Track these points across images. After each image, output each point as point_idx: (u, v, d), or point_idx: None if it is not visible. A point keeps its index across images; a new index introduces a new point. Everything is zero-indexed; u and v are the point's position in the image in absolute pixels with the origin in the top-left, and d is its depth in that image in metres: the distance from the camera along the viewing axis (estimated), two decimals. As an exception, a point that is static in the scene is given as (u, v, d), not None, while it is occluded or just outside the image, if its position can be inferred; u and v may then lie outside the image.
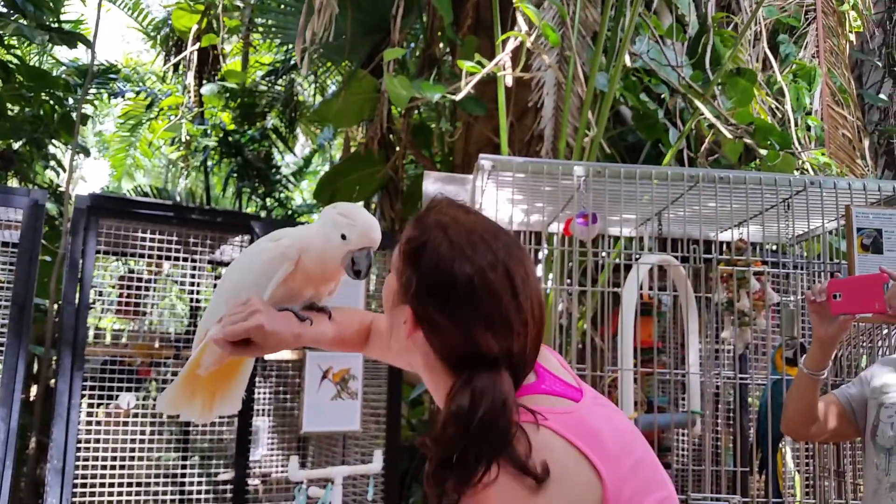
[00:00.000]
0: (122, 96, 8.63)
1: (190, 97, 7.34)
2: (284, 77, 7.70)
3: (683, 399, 3.24)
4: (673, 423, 3.14)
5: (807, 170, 4.41)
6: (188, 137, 7.15)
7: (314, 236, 1.43)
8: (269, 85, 7.75)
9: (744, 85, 4.13)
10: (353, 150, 6.99)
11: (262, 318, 1.30)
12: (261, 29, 7.58)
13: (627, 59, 4.06)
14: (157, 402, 1.49)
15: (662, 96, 4.22)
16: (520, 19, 3.71)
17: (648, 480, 1.05)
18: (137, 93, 8.58)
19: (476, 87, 3.83)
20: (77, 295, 3.65)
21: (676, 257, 3.08)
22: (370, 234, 1.41)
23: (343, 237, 1.40)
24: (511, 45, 3.71)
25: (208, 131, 7.38)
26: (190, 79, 7.54)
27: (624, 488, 0.99)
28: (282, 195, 8.31)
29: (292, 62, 7.42)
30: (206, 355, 1.44)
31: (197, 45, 7.56)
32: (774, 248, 3.66)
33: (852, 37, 5.95)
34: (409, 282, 1.09)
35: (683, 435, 3.96)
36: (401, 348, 1.17)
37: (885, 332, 3.16)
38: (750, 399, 3.97)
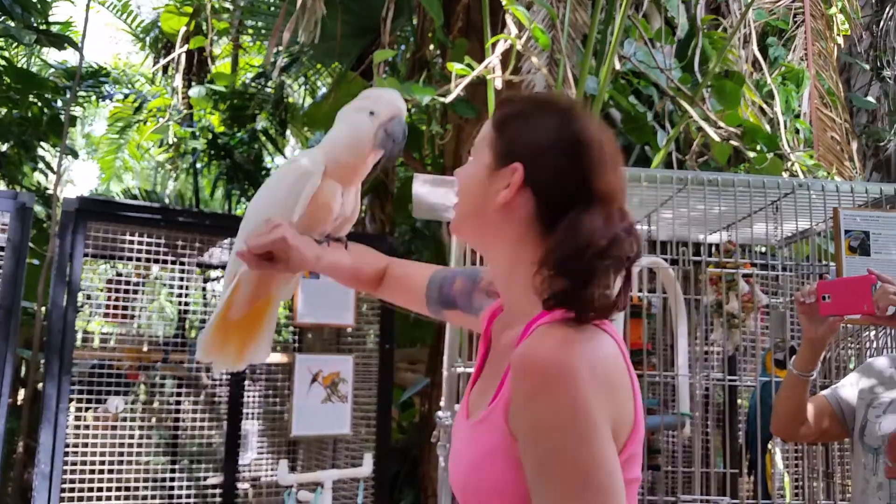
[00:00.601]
0: (111, 99, 8.58)
1: (178, 99, 7.31)
2: (275, 79, 7.69)
3: (673, 401, 3.25)
4: (662, 424, 3.14)
5: (796, 172, 4.43)
6: (175, 140, 7.12)
7: (335, 134, 1.47)
8: (259, 87, 7.72)
9: (732, 87, 4.15)
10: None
11: (284, 230, 1.35)
12: (251, 31, 7.57)
13: (617, 62, 4.07)
14: (196, 350, 1.54)
15: (652, 99, 4.23)
16: (509, 22, 3.71)
17: None
18: (126, 96, 8.53)
19: (467, 89, 3.83)
20: (65, 298, 3.63)
21: (666, 259, 3.08)
22: (397, 100, 1.45)
23: (371, 114, 1.43)
24: (501, 47, 3.71)
25: (196, 133, 7.35)
26: (178, 81, 7.51)
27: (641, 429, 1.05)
28: (271, 198, 8.27)
29: (283, 64, 7.40)
30: (237, 295, 1.49)
31: (185, 48, 7.53)
32: (763, 250, 3.68)
33: (840, 40, 5.98)
34: (513, 140, 1.14)
35: (673, 437, 3.96)
36: (477, 232, 1.21)
37: (873, 333, 3.18)
38: (739, 401, 3.99)
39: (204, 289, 6.16)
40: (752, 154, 3.95)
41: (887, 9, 7.12)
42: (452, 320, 1.50)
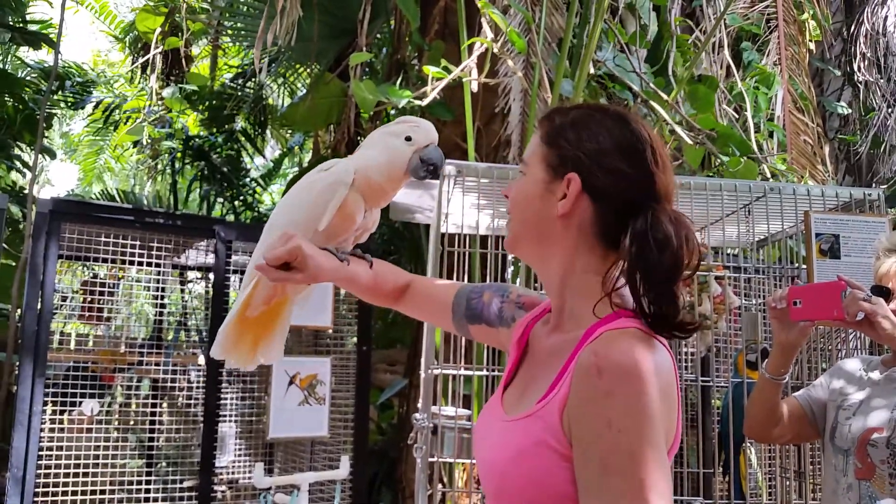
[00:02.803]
0: (83, 107, 8.51)
1: (152, 100, 7.26)
2: (254, 80, 7.66)
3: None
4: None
5: (769, 175, 4.48)
6: (149, 140, 7.08)
7: (369, 154, 1.48)
8: (238, 88, 7.68)
9: (705, 91, 4.19)
10: (322, 153, 6.97)
11: (299, 240, 1.37)
12: (230, 32, 7.53)
13: (591, 66, 4.09)
14: (213, 347, 1.55)
15: (626, 103, 4.26)
16: (485, 25, 3.73)
17: None
18: (99, 103, 8.44)
19: (444, 92, 3.84)
20: (39, 300, 3.60)
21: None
22: (433, 131, 1.48)
23: (408, 139, 1.46)
24: (477, 50, 3.72)
25: (172, 134, 7.30)
26: (153, 82, 7.46)
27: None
28: (249, 198, 8.24)
29: (262, 65, 7.37)
30: (256, 293, 1.51)
31: (160, 48, 7.48)
32: (735, 252, 3.71)
33: (812, 45, 6.05)
34: (565, 152, 1.17)
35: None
36: (531, 244, 1.23)
37: (844, 335, 3.22)
38: (714, 401, 4.02)
39: (182, 290, 6.13)
40: (725, 157, 3.99)
41: (857, 15, 7.22)
42: (476, 335, 1.52)
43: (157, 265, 4.12)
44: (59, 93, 7.35)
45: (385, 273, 1.56)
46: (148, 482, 4.04)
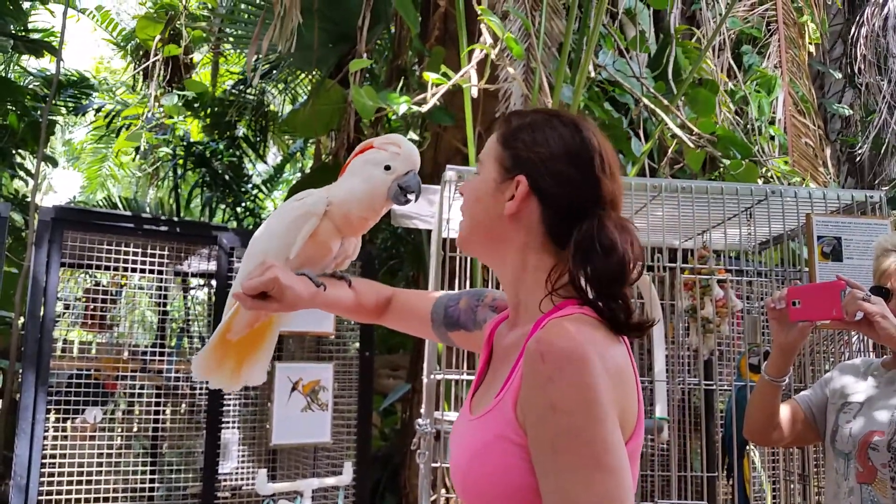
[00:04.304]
0: (83, 114, 8.52)
1: (151, 107, 7.27)
2: (255, 86, 7.67)
3: (650, 406, 3.27)
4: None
5: (771, 178, 4.48)
6: (147, 146, 7.09)
7: (348, 186, 1.49)
8: (240, 94, 7.70)
9: (706, 95, 4.19)
10: (323, 159, 6.98)
11: (277, 271, 1.39)
12: (231, 39, 7.56)
13: (591, 71, 4.10)
14: (192, 368, 1.56)
15: (627, 107, 4.26)
16: (485, 31, 3.73)
17: None
18: (100, 108, 8.46)
19: (445, 97, 3.84)
20: (42, 308, 3.61)
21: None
22: (414, 156, 1.49)
23: (387, 168, 1.47)
24: (476, 57, 3.72)
25: (170, 141, 7.32)
26: (153, 89, 7.48)
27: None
28: (252, 204, 8.26)
29: (262, 72, 7.40)
30: (237, 318, 1.52)
31: (159, 56, 7.50)
32: (737, 255, 3.71)
33: (812, 48, 6.05)
34: (518, 154, 1.19)
35: (651, 441, 3.98)
36: (484, 243, 1.25)
37: (847, 338, 3.22)
38: (719, 405, 4.01)
39: (185, 297, 6.14)
40: (726, 161, 3.99)
41: (858, 17, 7.22)
42: (457, 341, 1.54)
43: (160, 272, 4.13)
44: (61, 99, 7.36)
45: (365, 291, 1.58)
46: (151, 489, 4.04)
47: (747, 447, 3.24)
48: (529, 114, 1.25)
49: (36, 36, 7.23)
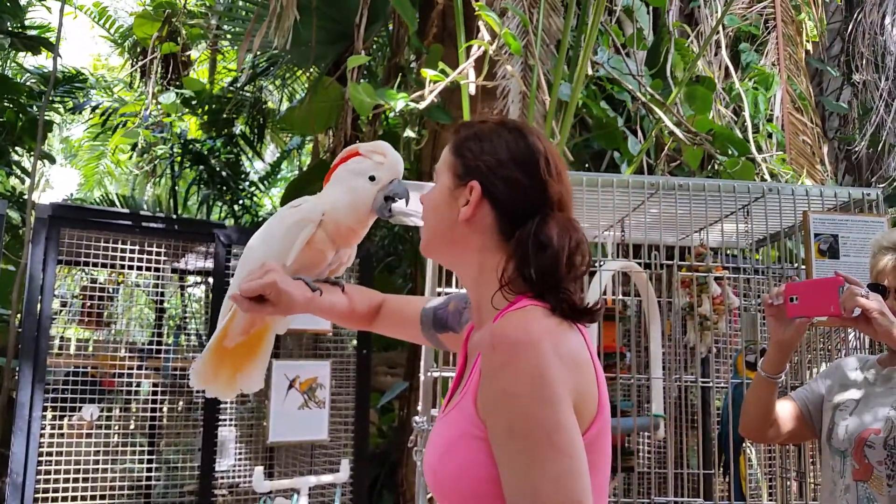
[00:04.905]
0: (81, 112, 8.51)
1: (149, 105, 7.26)
2: (253, 84, 7.66)
3: (647, 403, 3.27)
4: (636, 426, 3.16)
5: (768, 175, 4.48)
6: (144, 143, 7.08)
7: (334, 196, 1.50)
8: (237, 91, 7.69)
9: (703, 93, 4.19)
10: (321, 156, 6.97)
11: (275, 275, 1.42)
12: (229, 36, 7.54)
13: (589, 68, 4.09)
14: (191, 376, 1.57)
15: (624, 104, 4.26)
16: (482, 28, 3.72)
17: None
18: (97, 106, 8.44)
19: (443, 95, 3.84)
20: (39, 305, 3.60)
21: (639, 263, 3.11)
22: (397, 165, 1.51)
23: (372, 179, 1.48)
24: (474, 53, 3.72)
25: (167, 138, 7.30)
26: (150, 86, 7.46)
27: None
28: (249, 202, 8.25)
29: (260, 69, 7.39)
30: (234, 324, 1.54)
31: (157, 53, 7.49)
32: (734, 252, 3.71)
33: (809, 45, 6.05)
34: (467, 163, 1.25)
35: (647, 438, 3.99)
36: (444, 245, 1.30)
37: (843, 335, 3.22)
38: (716, 402, 4.02)
39: (182, 295, 6.14)
40: (723, 158, 3.99)
41: (856, 14, 7.21)
42: (447, 343, 1.58)
43: (157, 269, 4.12)
44: (58, 96, 7.35)
45: (358, 297, 1.61)
46: (148, 486, 4.04)
47: (744, 444, 3.24)
48: (477, 124, 1.31)
49: (33, 32, 7.22)
